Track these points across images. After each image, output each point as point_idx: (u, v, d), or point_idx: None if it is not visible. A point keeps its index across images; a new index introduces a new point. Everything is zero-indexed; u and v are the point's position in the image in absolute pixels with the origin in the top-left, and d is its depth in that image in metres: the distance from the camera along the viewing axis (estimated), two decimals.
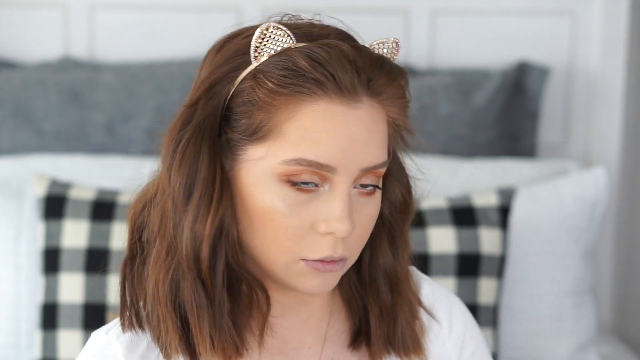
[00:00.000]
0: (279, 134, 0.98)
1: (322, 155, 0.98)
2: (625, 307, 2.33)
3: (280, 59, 0.99)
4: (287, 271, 1.02)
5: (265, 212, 0.99)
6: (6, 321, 1.85)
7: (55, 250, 1.79)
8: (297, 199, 0.99)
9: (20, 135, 2.08)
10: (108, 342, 1.05)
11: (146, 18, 2.22)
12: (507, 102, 2.15)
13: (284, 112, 0.98)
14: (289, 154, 0.98)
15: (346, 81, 0.98)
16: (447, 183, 2.02)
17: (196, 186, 1.00)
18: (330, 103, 0.98)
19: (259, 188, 1.00)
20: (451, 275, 1.79)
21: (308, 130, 0.98)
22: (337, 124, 0.98)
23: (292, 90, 0.98)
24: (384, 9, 2.24)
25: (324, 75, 0.97)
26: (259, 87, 0.99)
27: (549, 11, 2.26)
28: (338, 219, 0.99)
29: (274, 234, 1.00)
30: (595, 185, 1.97)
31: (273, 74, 0.98)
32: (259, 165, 1.00)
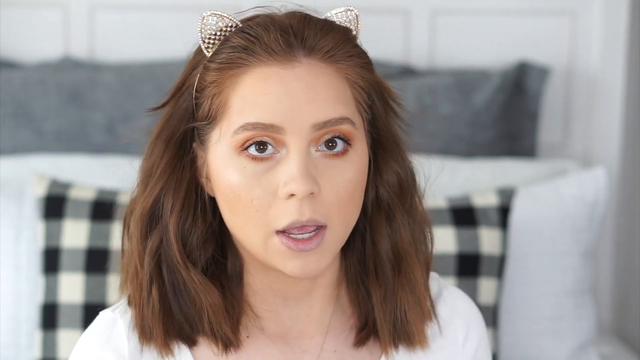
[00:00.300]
0: (227, 109, 1.02)
1: (262, 115, 1.00)
2: (625, 307, 2.33)
3: (221, 43, 1.04)
4: (267, 250, 1.02)
5: (232, 189, 1.02)
6: (6, 321, 1.85)
7: (55, 250, 1.79)
8: (255, 169, 1.01)
9: (20, 135, 2.08)
10: (113, 320, 1.08)
11: (146, 18, 2.22)
12: (507, 102, 2.15)
13: (227, 88, 1.02)
14: (236, 123, 1.01)
15: (274, 43, 1.01)
16: (447, 183, 2.02)
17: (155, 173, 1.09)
18: (264, 67, 1.01)
19: (223, 167, 1.03)
20: (451, 275, 1.79)
21: (247, 97, 1.01)
22: (273, 84, 1.01)
23: (229, 66, 1.02)
24: (384, 9, 2.24)
25: (251, 41, 1.01)
26: (206, 72, 1.04)
27: (549, 11, 2.26)
28: (294, 178, 0.99)
29: (244, 209, 1.01)
30: (595, 185, 1.97)
31: (215, 57, 1.03)
32: (219, 146, 1.03)
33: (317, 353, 1.10)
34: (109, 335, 1.07)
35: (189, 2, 2.23)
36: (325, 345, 1.10)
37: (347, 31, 1.05)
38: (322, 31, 1.03)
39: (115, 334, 1.07)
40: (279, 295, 1.09)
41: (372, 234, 1.10)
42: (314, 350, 1.10)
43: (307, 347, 1.10)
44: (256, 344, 1.08)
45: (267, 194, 1.01)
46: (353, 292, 1.12)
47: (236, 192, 1.01)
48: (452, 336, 1.15)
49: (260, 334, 1.09)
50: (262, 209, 1.01)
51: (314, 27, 1.03)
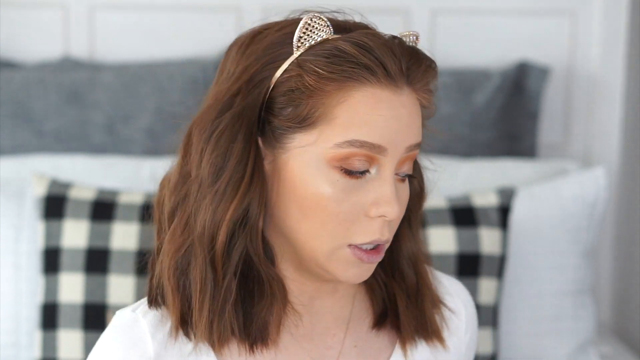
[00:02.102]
0: (330, 119, 1.01)
1: (373, 135, 1.01)
2: (625, 307, 2.33)
3: (326, 48, 1.02)
4: (331, 258, 1.04)
5: (317, 198, 1.02)
6: (6, 321, 1.85)
7: (55, 250, 1.79)
8: (347, 184, 1.02)
9: (20, 135, 2.08)
10: (135, 319, 1.07)
11: (146, 18, 2.22)
12: (507, 102, 2.16)
13: (335, 98, 1.01)
14: (341, 137, 1.01)
15: (393, 68, 1.02)
16: (447, 183, 2.02)
17: (225, 170, 1.02)
18: (378, 88, 1.02)
19: (310, 174, 1.02)
20: (451, 275, 1.79)
21: (359, 114, 1.01)
22: (385, 108, 1.02)
23: (342, 76, 1.01)
24: (384, 9, 2.24)
25: (373, 62, 1.02)
26: (308, 74, 1.01)
27: (549, 11, 2.26)
28: (388, 201, 1.02)
29: (325, 219, 1.02)
30: (595, 185, 1.97)
31: (321, 61, 1.02)
32: (309, 151, 1.02)
33: (339, 349, 1.12)
34: (132, 335, 1.06)
35: (189, 2, 2.23)
36: (346, 341, 1.12)
37: (437, 67, 1.09)
38: (425, 67, 1.06)
39: (139, 334, 1.06)
40: (305, 295, 1.10)
41: (397, 238, 1.13)
42: (336, 346, 1.12)
43: (330, 343, 1.12)
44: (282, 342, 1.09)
45: (353, 210, 1.03)
46: (370, 287, 1.15)
47: (323, 203, 1.02)
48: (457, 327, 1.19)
49: (286, 332, 1.09)
50: (345, 223, 1.03)
51: (421, 62, 1.05)
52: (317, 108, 1.02)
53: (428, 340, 1.14)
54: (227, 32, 2.22)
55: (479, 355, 1.81)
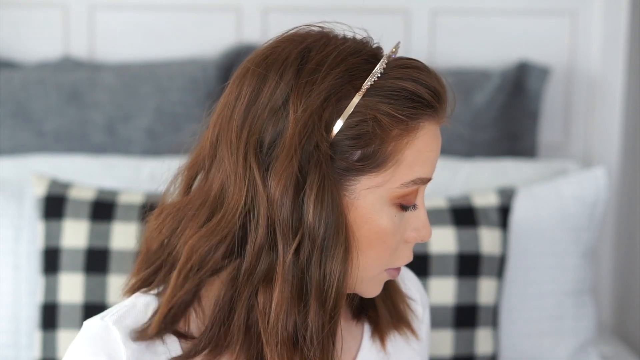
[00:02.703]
0: (399, 160, 1.03)
1: (429, 171, 1.06)
2: (625, 307, 2.33)
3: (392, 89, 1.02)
4: (371, 281, 1.09)
5: (380, 235, 1.05)
6: (6, 321, 1.85)
7: (55, 250, 1.79)
8: (400, 218, 1.06)
9: (20, 135, 2.08)
10: (105, 328, 1.05)
11: (146, 18, 2.22)
12: (507, 102, 2.15)
13: (405, 139, 1.03)
14: (408, 176, 1.04)
15: (445, 104, 1.06)
16: (447, 183, 2.02)
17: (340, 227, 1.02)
18: (434, 124, 1.06)
19: (375, 213, 1.04)
20: (451, 275, 1.79)
21: (422, 152, 1.05)
22: (437, 142, 1.07)
23: (414, 118, 1.03)
24: (384, 9, 2.24)
25: (435, 98, 1.04)
26: (385, 118, 1.02)
27: (549, 11, 2.26)
28: (426, 226, 1.08)
29: (380, 252, 1.06)
30: (595, 185, 1.97)
31: (393, 103, 1.02)
32: (375, 192, 1.04)
33: None
34: (103, 345, 1.04)
35: (189, 2, 2.23)
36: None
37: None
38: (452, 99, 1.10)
39: (110, 343, 1.04)
40: None
41: None
42: None
43: None
44: None
45: (400, 240, 1.07)
46: None
47: (384, 238, 1.05)
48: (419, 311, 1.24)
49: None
50: (392, 253, 1.07)
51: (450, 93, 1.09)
52: (389, 151, 1.03)
53: (400, 330, 1.19)
54: (227, 32, 2.22)
55: (479, 356, 1.81)
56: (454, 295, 1.79)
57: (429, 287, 1.78)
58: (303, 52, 1.04)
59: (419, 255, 1.79)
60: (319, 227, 1.01)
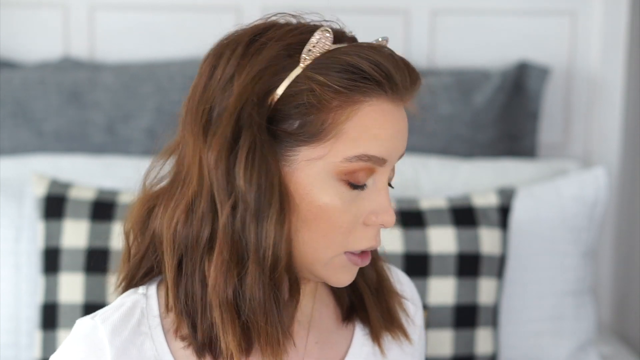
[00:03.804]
0: (339, 133, 1.03)
1: (379, 149, 1.04)
2: (625, 307, 2.33)
3: (337, 62, 1.03)
4: (329, 265, 1.07)
5: (323, 210, 1.04)
6: (6, 321, 1.85)
7: (55, 250, 1.79)
8: (350, 196, 1.05)
9: (20, 135, 2.08)
10: (93, 327, 1.08)
11: (146, 18, 2.22)
12: (507, 102, 2.16)
13: (345, 112, 1.03)
14: (350, 151, 1.03)
15: (399, 82, 1.05)
16: (447, 183, 2.02)
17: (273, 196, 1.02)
18: (385, 102, 1.05)
19: (317, 187, 1.04)
20: (451, 275, 1.79)
21: (368, 128, 1.04)
22: (390, 121, 1.05)
23: (355, 91, 1.03)
24: (384, 9, 2.24)
25: (384, 77, 1.03)
26: (321, 89, 1.02)
27: (549, 11, 2.26)
28: (386, 210, 1.06)
29: (328, 229, 1.05)
30: (595, 185, 1.97)
31: (334, 76, 1.03)
32: (316, 164, 1.04)
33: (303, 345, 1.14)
34: (89, 342, 1.07)
35: (189, 2, 2.23)
36: (309, 338, 1.14)
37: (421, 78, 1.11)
38: (417, 80, 1.08)
39: (96, 341, 1.07)
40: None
41: None
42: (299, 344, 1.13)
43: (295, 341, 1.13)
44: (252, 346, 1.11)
45: (354, 220, 1.05)
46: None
47: (329, 214, 1.04)
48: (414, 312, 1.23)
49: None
50: (345, 233, 1.05)
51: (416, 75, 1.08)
52: (328, 122, 1.03)
53: (392, 332, 1.18)
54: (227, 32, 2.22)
55: (479, 356, 1.81)
56: (453, 295, 1.79)
57: (429, 287, 1.78)
58: (259, 30, 1.08)
59: (418, 255, 1.79)
60: (250, 189, 1.02)
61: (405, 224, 1.81)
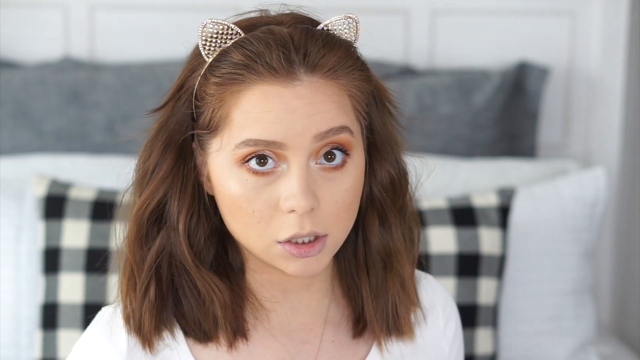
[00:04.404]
0: (228, 122, 1.04)
1: (264, 132, 1.02)
2: (625, 307, 2.33)
3: (220, 55, 1.05)
4: (268, 254, 1.06)
5: (233, 199, 1.05)
6: (6, 321, 1.85)
7: (56, 250, 1.79)
8: (257, 183, 1.04)
9: (20, 135, 2.08)
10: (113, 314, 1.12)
11: (146, 18, 2.22)
12: (507, 102, 2.16)
13: (229, 102, 1.04)
14: (237, 138, 1.03)
15: (275, 62, 1.03)
16: (447, 183, 2.02)
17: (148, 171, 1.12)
18: (266, 85, 1.03)
19: (224, 177, 1.05)
20: (451, 275, 1.79)
21: (249, 113, 1.03)
22: (274, 102, 1.03)
23: (230, 80, 1.04)
24: (384, 9, 2.24)
25: (252, 59, 1.03)
26: (207, 83, 1.05)
27: (549, 11, 2.26)
28: (294, 195, 1.02)
29: (245, 218, 1.04)
30: (595, 185, 1.97)
31: (216, 68, 1.05)
32: (220, 155, 1.06)
33: (317, 344, 1.13)
34: (109, 329, 1.11)
35: (189, 2, 2.23)
36: (324, 336, 1.13)
37: (348, 46, 1.06)
38: (325, 48, 1.04)
39: (115, 328, 1.11)
40: (278, 289, 1.11)
41: (364, 231, 1.14)
42: (314, 341, 1.13)
43: (307, 338, 1.13)
44: (258, 336, 1.11)
45: (268, 207, 1.03)
46: (346, 284, 1.15)
47: (237, 203, 1.04)
48: (435, 322, 1.19)
49: (261, 326, 1.11)
50: (263, 221, 1.04)
51: (316, 43, 1.04)
52: (218, 114, 1.05)
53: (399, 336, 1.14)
54: None
55: (479, 356, 1.81)
56: (453, 295, 1.79)
57: None
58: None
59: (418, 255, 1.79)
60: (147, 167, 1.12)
61: None
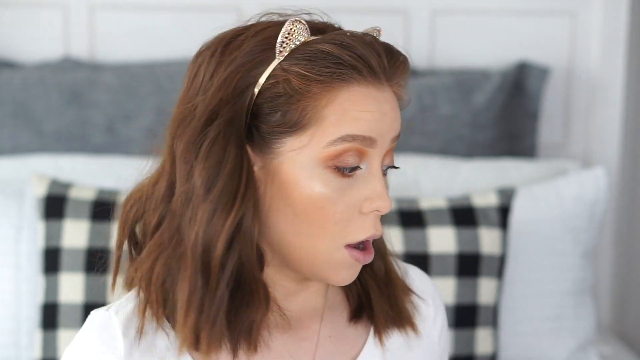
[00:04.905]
0: (320, 119, 1.03)
1: (363, 129, 1.03)
2: (625, 307, 2.33)
3: (309, 51, 1.03)
4: (328, 261, 1.06)
5: (313, 200, 1.03)
6: (6, 321, 1.85)
7: (56, 250, 1.80)
8: (340, 184, 1.04)
9: (21, 135, 2.08)
10: (107, 318, 1.10)
11: (146, 18, 2.22)
12: (507, 102, 2.16)
13: (323, 99, 1.03)
14: (333, 134, 1.03)
15: (376, 65, 1.05)
16: (447, 183, 2.02)
17: (219, 181, 1.02)
18: (363, 86, 1.04)
19: (304, 177, 1.03)
20: (451, 275, 1.79)
21: (348, 111, 1.03)
22: (371, 103, 1.04)
23: (330, 77, 1.03)
24: (384, 9, 2.25)
25: (358, 60, 1.03)
26: (296, 78, 1.03)
27: (549, 11, 2.26)
28: (380, 195, 1.05)
29: (322, 221, 1.04)
30: (595, 185, 1.97)
31: (308, 65, 1.03)
32: (302, 154, 1.04)
33: (315, 339, 1.14)
34: (104, 333, 1.09)
35: (189, 3, 2.23)
36: (321, 332, 1.14)
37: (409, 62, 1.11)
38: (404, 64, 1.08)
39: (111, 332, 1.09)
40: (282, 292, 1.12)
41: None
42: (312, 338, 1.14)
43: (305, 335, 1.14)
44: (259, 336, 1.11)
45: (349, 209, 1.04)
46: None
47: (319, 204, 1.04)
48: (426, 311, 1.21)
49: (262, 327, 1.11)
50: (341, 223, 1.04)
51: (399, 58, 1.08)
52: (307, 111, 1.03)
53: (401, 328, 1.17)
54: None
55: (479, 356, 1.81)
56: (453, 295, 1.79)
57: None
58: (238, 32, 1.09)
59: (418, 255, 1.79)
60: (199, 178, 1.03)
61: (405, 224, 1.81)
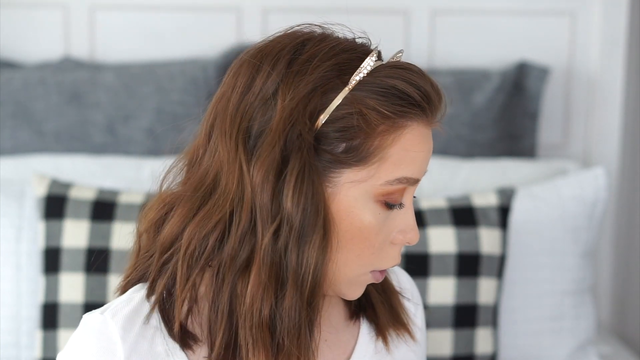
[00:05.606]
0: (384, 157, 1.04)
1: (417, 171, 1.06)
2: (625, 307, 2.33)
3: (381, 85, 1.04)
4: (351, 282, 1.09)
5: (361, 230, 1.05)
6: (7, 321, 1.85)
7: (56, 250, 1.80)
8: (384, 216, 1.06)
9: (21, 135, 2.08)
10: (104, 322, 1.07)
11: (146, 18, 2.22)
12: (507, 102, 2.16)
13: (391, 137, 1.04)
14: (392, 174, 1.05)
15: (435, 105, 1.07)
16: (447, 183, 2.02)
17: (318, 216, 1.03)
18: (422, 125, 1.07)
19: (357, 208, 1.05)
20: (451, 275, 1.79)
21: (408, 152, 1.05)
22: (424, 143, 1.07)
23: (402, 117, 1.04)
24: (384, 9, 2.25)
25: (426, 101, 1.05)
26: (370, 112, 1.03)
27: (549, 11, 2.26)
28: (413, 228, 1.08)
29: (362, 249, 1.06)
30: (595, 185, 1.97)
31: (381, 100, 1.04)
32: (359, 186, 1.05)
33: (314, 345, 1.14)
34: (101, 338, 1.06)
35: (189, 3, 2.23)
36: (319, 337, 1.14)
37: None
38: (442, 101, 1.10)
39: (108, 337, 1.06)
40: None
41: None
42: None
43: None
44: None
45: (385, 240, 1.07)
46: None
47: (365, 235, 1.05)
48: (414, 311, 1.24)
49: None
50: (377, 252, 1.07)
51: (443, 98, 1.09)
52: (374, 146, 1.04)
53: (397, 330, 1.19)
54: (227, 32, 2.22)
55: (479, 356, 1.81)
56: (453, 295, 1.79)
57: (429, 287, 1.79)
58: (297, 46, 1.07)
59: (418, 255, 1.79)
60: (297, 213, 1.02)
61: None
